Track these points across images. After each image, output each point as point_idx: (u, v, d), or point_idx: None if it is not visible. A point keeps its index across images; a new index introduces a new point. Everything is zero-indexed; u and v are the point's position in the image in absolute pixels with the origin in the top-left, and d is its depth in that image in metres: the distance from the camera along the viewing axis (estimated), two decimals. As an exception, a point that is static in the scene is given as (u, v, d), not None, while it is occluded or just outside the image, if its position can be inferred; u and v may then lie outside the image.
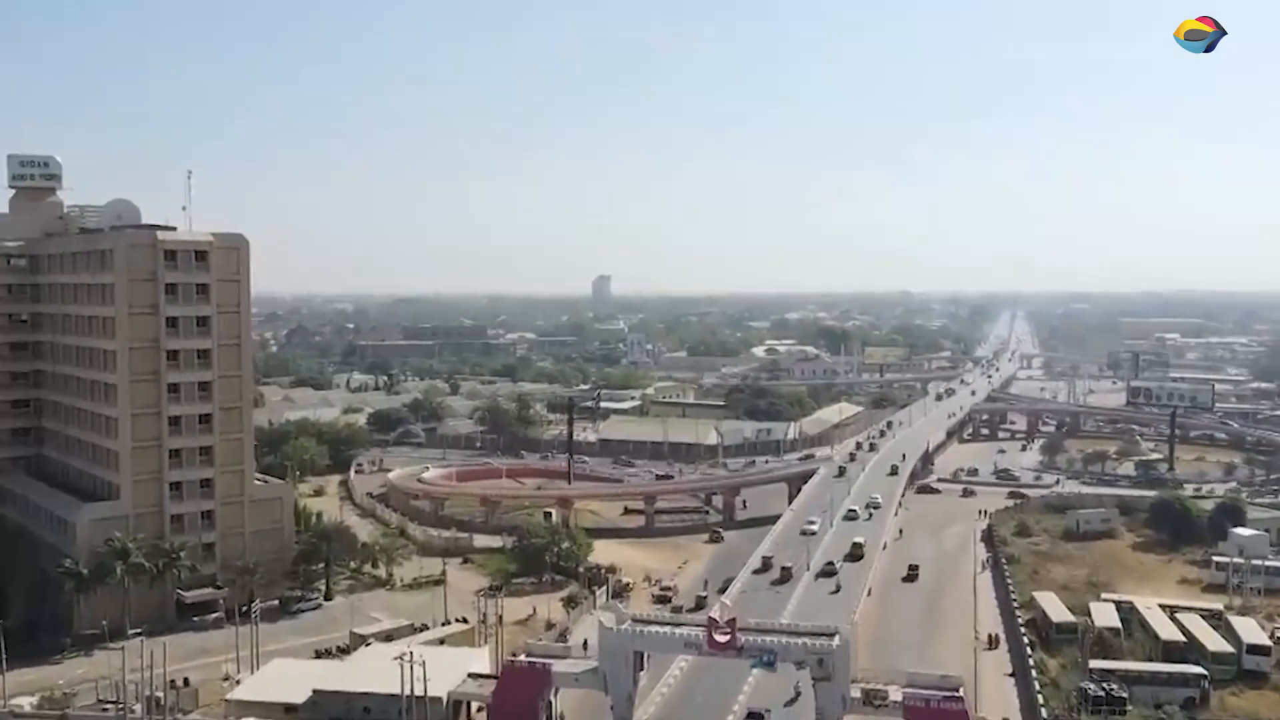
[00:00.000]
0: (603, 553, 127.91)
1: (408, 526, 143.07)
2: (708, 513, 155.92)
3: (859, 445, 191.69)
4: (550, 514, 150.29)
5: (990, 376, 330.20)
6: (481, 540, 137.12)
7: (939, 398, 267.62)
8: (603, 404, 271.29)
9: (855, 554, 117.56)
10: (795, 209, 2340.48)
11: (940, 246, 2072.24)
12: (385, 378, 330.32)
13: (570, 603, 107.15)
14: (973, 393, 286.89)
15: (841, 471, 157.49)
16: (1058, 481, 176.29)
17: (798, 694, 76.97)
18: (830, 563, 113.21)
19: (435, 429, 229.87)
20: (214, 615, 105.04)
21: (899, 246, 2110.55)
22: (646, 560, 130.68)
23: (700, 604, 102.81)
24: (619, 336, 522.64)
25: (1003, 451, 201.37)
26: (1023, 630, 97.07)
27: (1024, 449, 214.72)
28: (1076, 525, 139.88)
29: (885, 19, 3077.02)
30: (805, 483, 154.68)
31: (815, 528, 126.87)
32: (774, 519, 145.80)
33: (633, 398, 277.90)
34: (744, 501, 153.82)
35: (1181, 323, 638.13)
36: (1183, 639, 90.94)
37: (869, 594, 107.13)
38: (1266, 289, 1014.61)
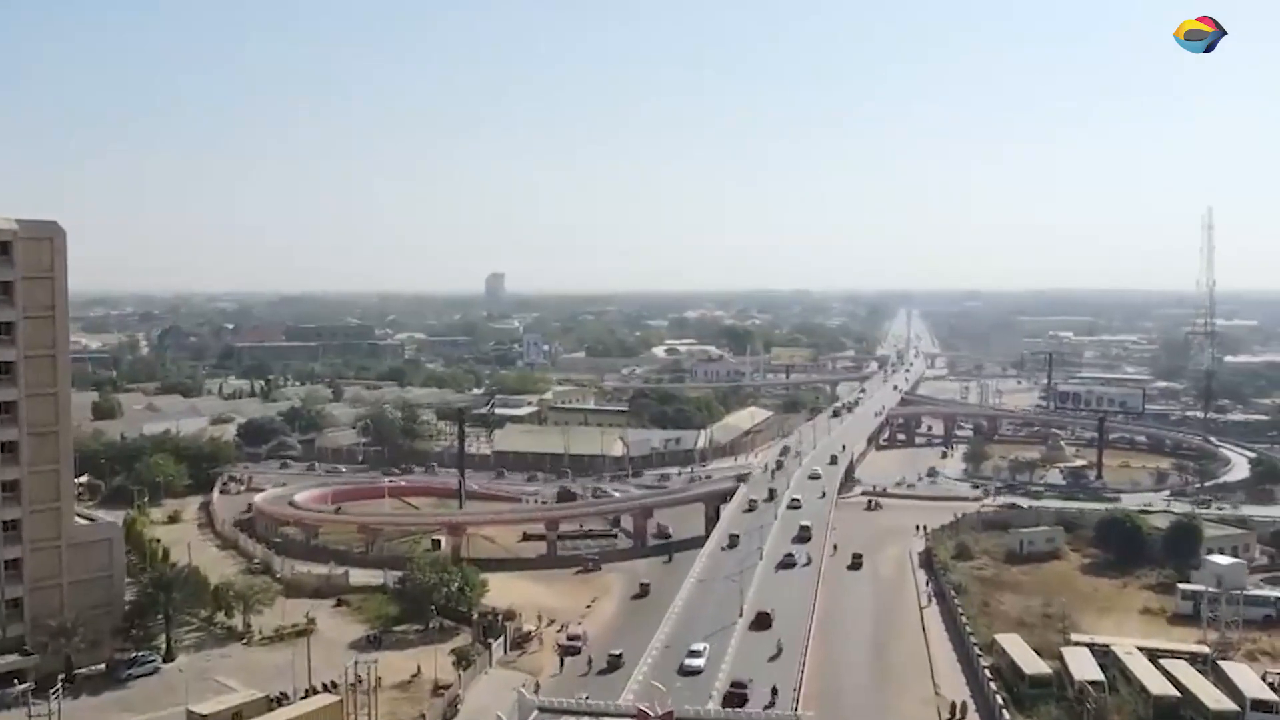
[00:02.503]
0: (500, 589, 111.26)
1: (273, 561, 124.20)
2: (616, 536, 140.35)
3: (781, 456, 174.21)
4: (439, 542, 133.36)
5: (905, 377, 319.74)
6: (360, 576, 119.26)
7: (837, 412, 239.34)
8: (498, 411, 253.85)
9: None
10: (692, 207, 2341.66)
11: (836, 245, 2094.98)
12: (263, 383, 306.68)
13: (462, 660, 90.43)
14: (895, 388, 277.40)
15: (772, 495, 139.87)
16: (990, 493, 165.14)
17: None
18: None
19: (314, 440, 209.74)
20: (21, 687, 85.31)
21: (795, 245, 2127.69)
22: (550, 598, 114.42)
23: (614, 664, 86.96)
24: (514, 336, 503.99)
25: (933, 474, 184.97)
26: (991, 684, 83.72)
27: (944, 455, 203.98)
28: (1020, 546, 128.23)
29: (771, 6, 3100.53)
30: (724, 501, 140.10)
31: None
32: (691, 542, 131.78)
33: (530, 403, 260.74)
34: (657, 524, 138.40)
35: (1073, 321, 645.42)
36: (1176, 694, 78.49)
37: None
38: (1145, 287, 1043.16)
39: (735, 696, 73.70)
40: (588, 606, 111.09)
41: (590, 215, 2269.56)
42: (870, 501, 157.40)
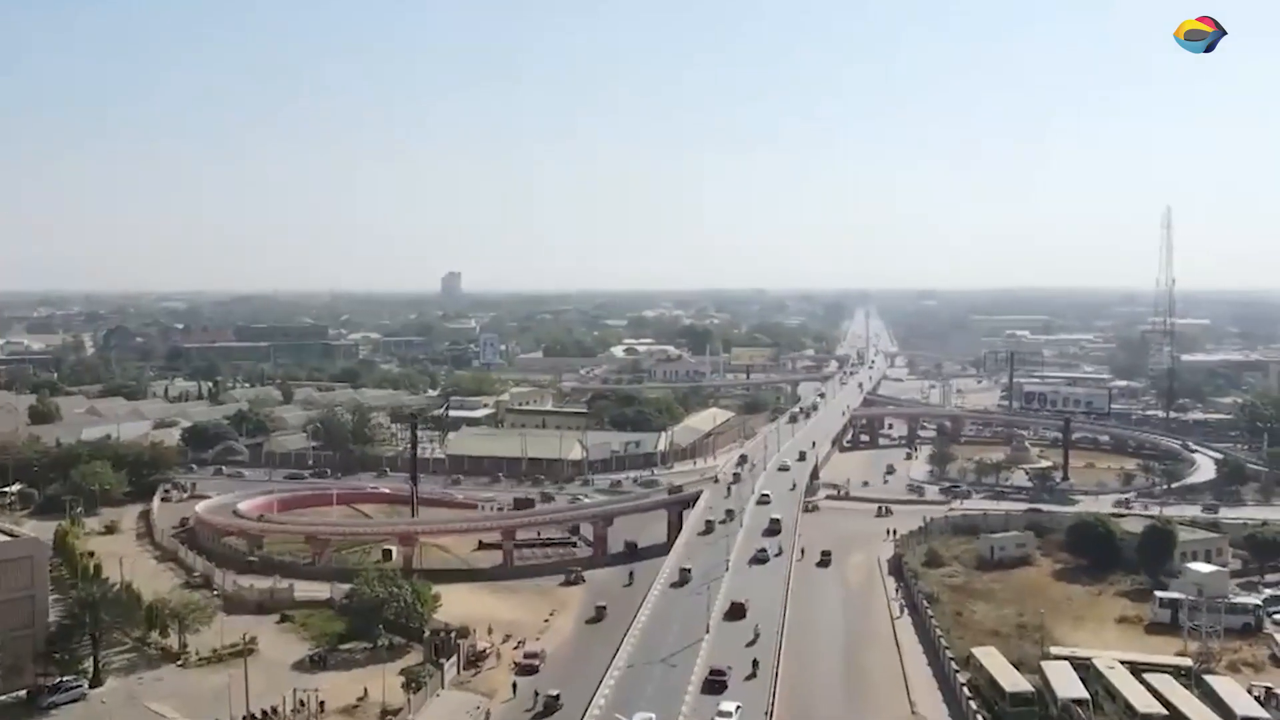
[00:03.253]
0: (453, 603, 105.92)
1: (214, 574, 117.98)
2: (575, 544, 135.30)
3: (738, 468, 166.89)
4: (390, 552, 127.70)
5: (869, 376, 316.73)
6: (306, 589, 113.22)
7: (794, 418, 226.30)
8: (453, 413, 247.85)
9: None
10: (648, 207, 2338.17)
11: (792, 244, 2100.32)
12: (211, 385, 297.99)
13: (411, 682, 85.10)
14: (859, 385, 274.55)
15: (730, 516, 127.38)
16: (955, 494, 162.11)
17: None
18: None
19: (262, 445, 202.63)
20: (-68, 719, 79.26)
21: (750, 245, 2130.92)
22: (506, 610, 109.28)
23: (551, 706, 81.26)
24: (470, 336, 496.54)
25: (892, 470, 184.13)
26: (970, 702, 79.83)
27: (909, 457, 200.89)
28: (991, 552, 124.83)
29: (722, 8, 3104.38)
30: (688, 507, 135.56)
31: None
32: (653, 551, 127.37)
33: (486, 405, 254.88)
34: (624, 541, 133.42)
35: (1029, 319, 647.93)
36: (1163, 712, 74.85)
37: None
38: (1096, 286, 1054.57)
39: (715, 684, 76.07)
40: (545, 621, 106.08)
41: (547, 216, 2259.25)
42: (839, 490, 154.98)
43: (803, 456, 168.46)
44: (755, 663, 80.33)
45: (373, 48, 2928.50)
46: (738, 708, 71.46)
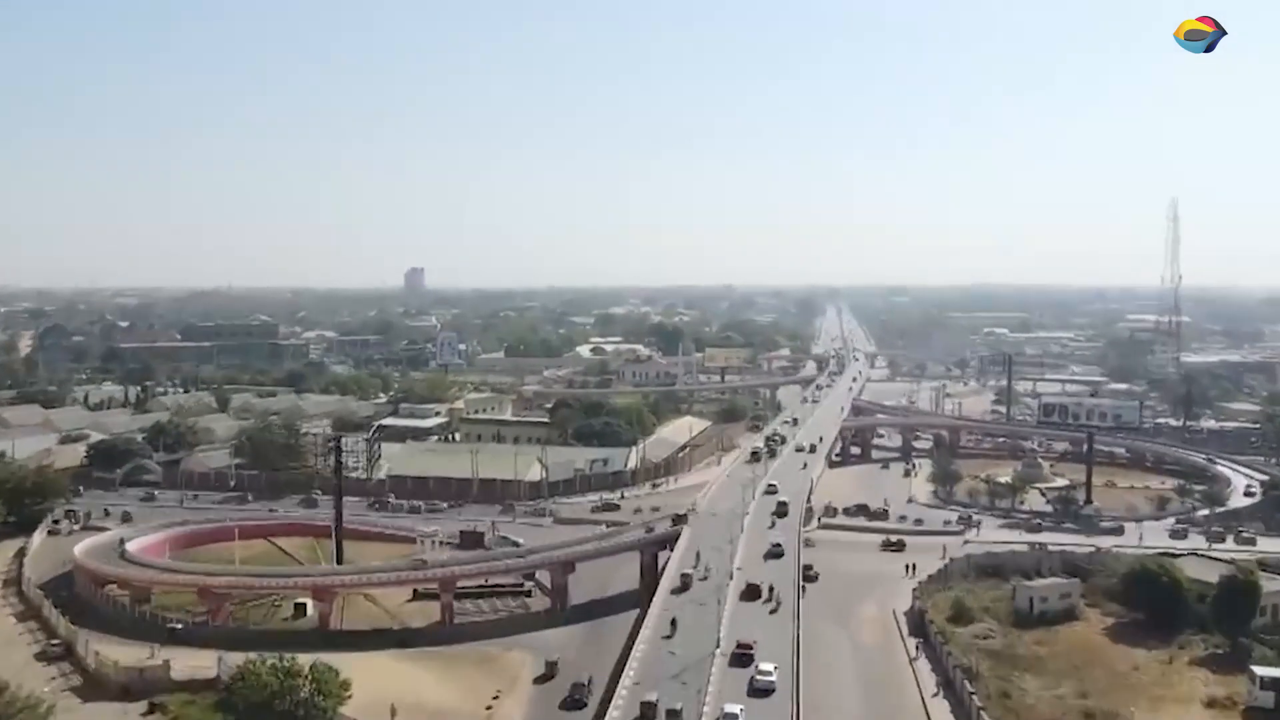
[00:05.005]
0: (371, 682, 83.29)
1: (77, 640, 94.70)
2: (530, 593, 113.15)
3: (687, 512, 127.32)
4: (305, 606, 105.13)
5: (854, 384, 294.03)
6: (190, 661, 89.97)
7: (772, 451, 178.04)
8: (402, 422, 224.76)
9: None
10: (614, 201, 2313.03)
11: (759, 240, 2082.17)
12: (139, 389, 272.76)
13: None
14: (849, 388, 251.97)
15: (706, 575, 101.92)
16: (970, 523, 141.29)
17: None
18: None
19: (180, 462, 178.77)
20: None
21: (718, 240, 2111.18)
22: (438, 691, 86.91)
23: None
24: (430, 335, 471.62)
25: (908, 502, 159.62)
26: None
27: (908, 474, 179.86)
28: (1030, 604, 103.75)
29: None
30: (663, 548, 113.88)
31: None
32: (621, 601, 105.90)
33: (438, 413, 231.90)
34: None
35: (1006, 317, 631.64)
36: None
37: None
38: (1065, 284, 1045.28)
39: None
40: (488, 709, 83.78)
41: (512, 211, 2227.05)
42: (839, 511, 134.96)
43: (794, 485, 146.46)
44: None
45: (348, 40, 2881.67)
46: None
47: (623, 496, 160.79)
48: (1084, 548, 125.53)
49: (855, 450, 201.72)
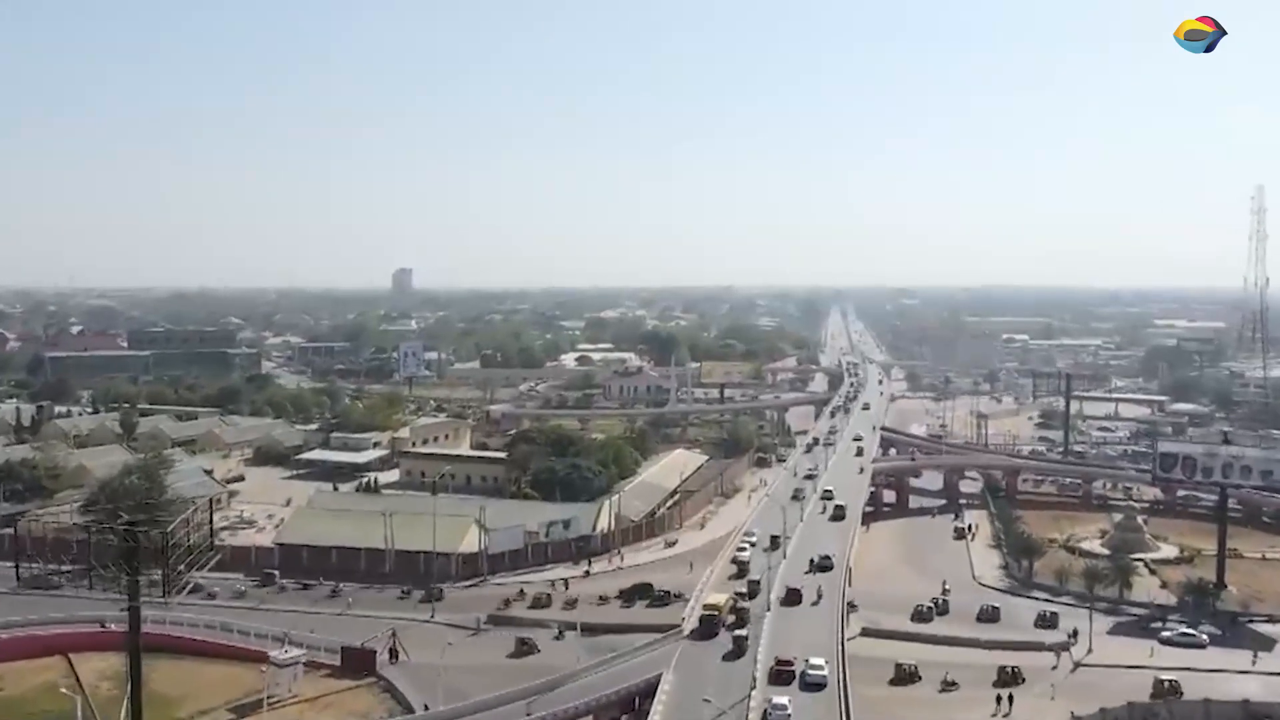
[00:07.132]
0: None
1: None
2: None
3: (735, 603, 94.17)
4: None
5: (876, 405, 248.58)
6: None
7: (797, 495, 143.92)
8: (334, 456, 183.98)
9: None
10: (614, 201, 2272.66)
11: (760, 240, 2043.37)
12: (35, 410, 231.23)
13: None
14: (870, 435, 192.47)
15: None
16: (1070, 632, 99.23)
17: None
18: None
19: (19, 519, 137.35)
20: None
21: (717, 241, 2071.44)
22: None
23: None
24: (406, 339, 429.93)
25: (977, 584, 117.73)
26: None
27: (961, 535, 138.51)
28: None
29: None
30: (631, 710, 73.15)
31: None
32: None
33: (376, 443, 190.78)
34: None
35: (1026, 322, 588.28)
36: None
37: None
38: (1072, 285, 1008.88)
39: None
40: None
41: (512, 211, 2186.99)
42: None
43: (826, 563, 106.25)
44: None
45: (340, 40, 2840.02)
46: None
47: (587, 572, 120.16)
48: (1251, 673, 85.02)
49: (889, 497, 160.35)
